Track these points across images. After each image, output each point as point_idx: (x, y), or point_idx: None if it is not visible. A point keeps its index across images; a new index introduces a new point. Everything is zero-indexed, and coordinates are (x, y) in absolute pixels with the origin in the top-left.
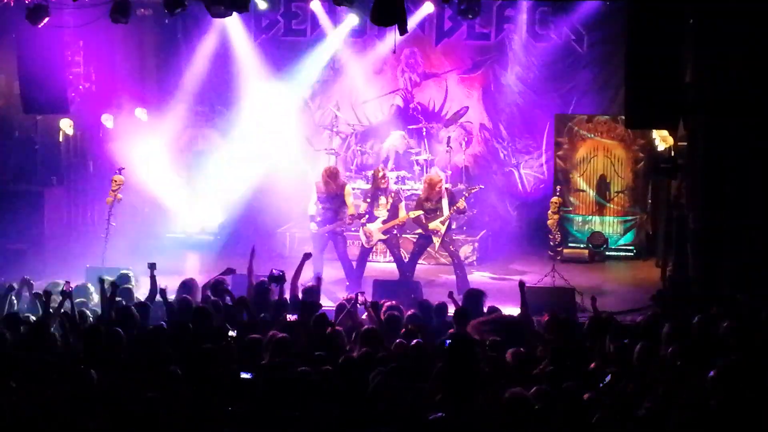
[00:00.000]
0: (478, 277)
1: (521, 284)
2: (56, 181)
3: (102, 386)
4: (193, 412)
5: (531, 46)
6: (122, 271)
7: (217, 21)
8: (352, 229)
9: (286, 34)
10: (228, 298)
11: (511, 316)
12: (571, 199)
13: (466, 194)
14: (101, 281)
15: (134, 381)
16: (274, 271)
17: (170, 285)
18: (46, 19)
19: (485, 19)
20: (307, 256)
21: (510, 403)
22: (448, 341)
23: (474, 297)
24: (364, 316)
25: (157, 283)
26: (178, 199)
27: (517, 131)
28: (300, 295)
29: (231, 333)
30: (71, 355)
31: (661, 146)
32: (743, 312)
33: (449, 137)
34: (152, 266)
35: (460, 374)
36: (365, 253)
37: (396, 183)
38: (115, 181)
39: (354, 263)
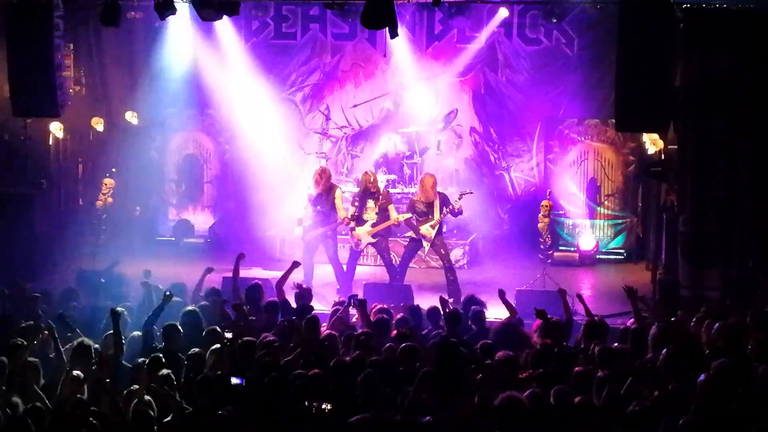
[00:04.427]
0: (468, 280)
1: (501, 293)
2: (46, 184)
3: (92, 389)
4: (184, 414)
5: (521, 49)
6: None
7: (208, 24)
8: (342, 232)
9: (276, 37)
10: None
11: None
12: (562, 202)
13: (459, 201)
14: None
15: (127, 384)
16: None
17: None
18: (37, 22)
19: (475, 22)
20: (295, 264)
21: (503, 406)
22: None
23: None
24: (354, 319)
25: (152, 289)
26: (169, 202)
27: (507, 134)
28: (292, 300)
29: (227, 335)
30: (63, 359)
31: (651, 149)
32: (731, 315)
33: (440, 141)
34: (147, 273)
35: (447, 377)
36: (355, 257)
37: (386, 186)
38: (105, 184)
39: (344, 266)
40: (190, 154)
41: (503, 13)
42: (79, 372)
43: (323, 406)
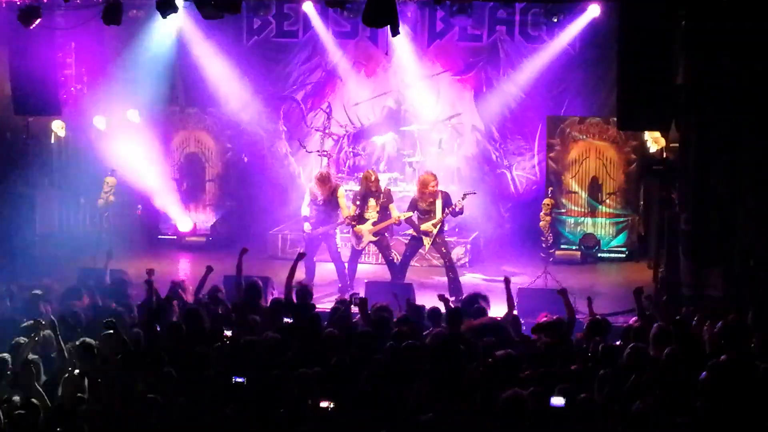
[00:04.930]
0: (470, 279)
1: (506, 280)
2: (48, 183)
3: (94, 388)
4: (186, 413)
5: (523, 47)
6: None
7: (209, 22)
8: (344, 230)
9: (277, 35)
10: (220, 307)
11: (498, 319)
12: (563, 200)
13: (462, 201)
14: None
15: (127, 383)
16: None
17: (161, 287)
18: (38, 21)
19: (477, 20)
20: (300, 255)
21: (506, 404)
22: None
23: (472, 301)
24: (357, 318)
25: (154, 287)
26: (170, 200)
27: (509, 133)
28: (294, 298)
29: (227, 332)
30: (65, 358)
31: (653, 148)
32: (733, 314)
33: (441, 139)
34: (150, 272)
35: (448, 376)
36: (356, 255)
37: (387, 185)
38: (107, 182)
39: (346, 265)
40: (192, 153)
41: (505, 11)
42: (80, 370)
43: (325, 405)
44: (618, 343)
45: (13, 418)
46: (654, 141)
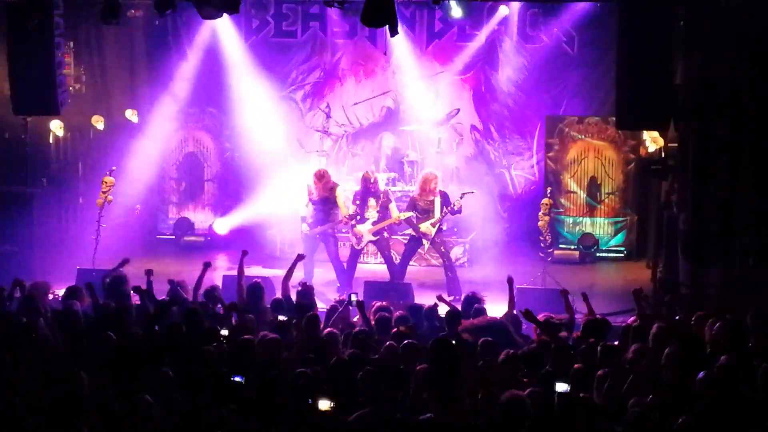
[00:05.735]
0: (468, 279)
1: (510, 280)
2: (46, 183)
3: (93, 388)
4: (184, 413)
5: (522, 47)
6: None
7: (208, 22)
8: (343, 230)
9: (276, 35)
10: (219, 305)
11: (497, 319)
12: (562, 200)
13: (460, 200)
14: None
15: (126, 383)
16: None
17: (160, 286)
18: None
19: (475, 20)
20: (300, 257)
21: (506, 405)
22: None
23: (471, 302)
24: (356, 318)
25: (153, 287)
26: (169, 200)
27: (507, 132)
28: (294, 297)
29: (223, 332)
30: (62, 357)
31: (651, 147)
32: (731, 314)
33: (440, 139)
34: (149, 272)
35: (444, 376)
36: (355, 255)
37: (386, 185)
38: (105, 182)
39: (345, 264)
40: (191, 153)
41: (504, 11)
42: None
43: (325, 405)
44: (617, 343)
45: (15, 418)
46: (652, 141)
